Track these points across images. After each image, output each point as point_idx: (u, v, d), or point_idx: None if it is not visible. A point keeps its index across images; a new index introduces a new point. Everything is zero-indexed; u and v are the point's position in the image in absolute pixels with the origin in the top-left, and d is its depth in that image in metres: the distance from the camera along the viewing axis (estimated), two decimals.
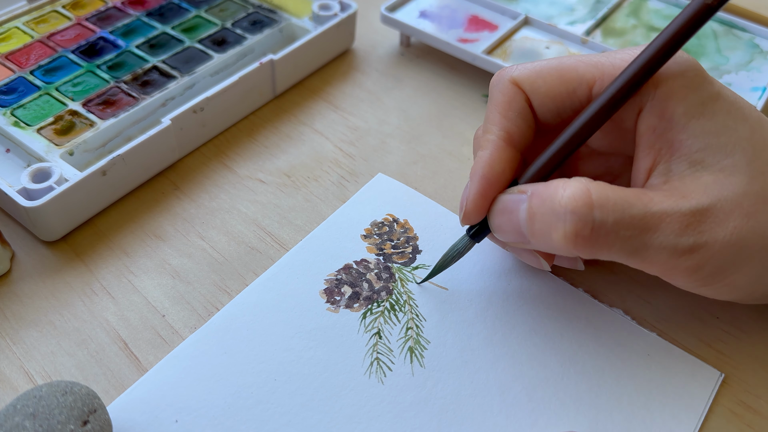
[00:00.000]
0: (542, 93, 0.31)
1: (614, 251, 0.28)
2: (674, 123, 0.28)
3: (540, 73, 0.31)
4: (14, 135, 0.39)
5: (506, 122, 0.31)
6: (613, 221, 0.27)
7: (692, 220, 0.27)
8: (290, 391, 0.30)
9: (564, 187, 0.28)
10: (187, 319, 0.33)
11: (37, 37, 0.46)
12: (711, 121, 0.28)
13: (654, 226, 0.27)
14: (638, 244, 0.27)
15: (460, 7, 0.53)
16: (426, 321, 0.33)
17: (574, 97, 0.31)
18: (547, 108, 0.32)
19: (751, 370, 0.32)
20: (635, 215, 0.27)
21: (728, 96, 0.29)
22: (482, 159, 0.31)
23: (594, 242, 0.27)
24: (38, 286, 0.35)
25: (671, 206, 0.27)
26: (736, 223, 0.27)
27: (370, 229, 0.38)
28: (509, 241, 0.31)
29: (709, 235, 0.27)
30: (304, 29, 0.49)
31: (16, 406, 0.26)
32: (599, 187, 0.27)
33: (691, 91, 0.29)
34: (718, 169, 0.28)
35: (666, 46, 0.28)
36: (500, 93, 0.32)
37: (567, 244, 0.27)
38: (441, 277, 0.35)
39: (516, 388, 0.31)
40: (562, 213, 0.27)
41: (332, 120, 0.46)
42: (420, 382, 0.31)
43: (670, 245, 0.27)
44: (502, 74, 0.32)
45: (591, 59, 0.31)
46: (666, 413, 0.30)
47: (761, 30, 0.51)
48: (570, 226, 0.27)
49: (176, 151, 0.41)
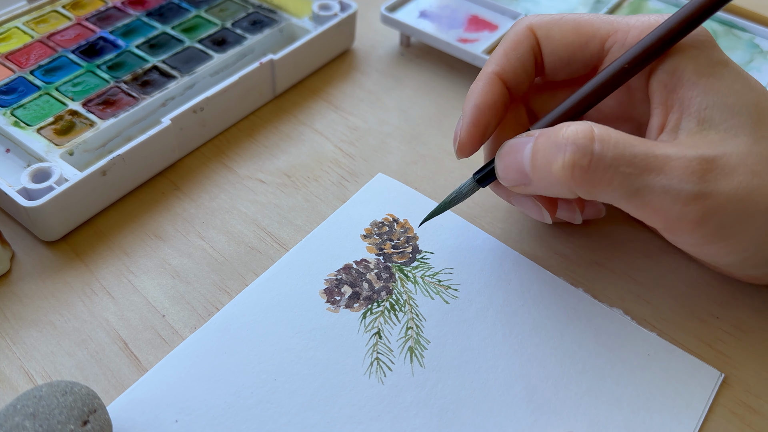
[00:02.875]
0: (556, 40, 0.33)
1: (613, 189, 0.28)
2: (684, 80, 0.29)
3: (558, 21, 0.33)
4: (14, 135, 0.39)
5: (505, 60, 0.33)
6: (612, 155, 0.27)
7: (698, 168, 0.27)
8: (290, 391, 0.30)
9: (569, 124, 0.28)
10: (187, 319, 0.33)
11: (37, 37, 0.46)
12: (720, 81, 0.29)
13: (657, 167, 0.27)
14: (639, 184, 0.27)
15: (460, 7, 0.53)
16: (426, 321, 0.33)
17: (585, 50, 0.32)
18: (558, 56, 0.33)
19: (751, 370, 0.32)
20: (637, 154, 0.27)
21: (735, 66, 0.30)
22: (475, 90, 0.32)
23: (592, 175, 0.27)
24: (38, 286, 0.35)
25: (677, 152, 0.28)
26: (741, 178, 0.28)
27: (370, 229, 0.38)
28: (512, 183, 0.31)
29: (716, 186, 0.27)
30: (304, 29, 0.49)
31: (16, 406, 0.26)
32: (603, 127, 0.28)
33: (702, 52, 0.30)
34: (724, 128, 0.28)
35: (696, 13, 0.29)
36: (513, 34, 0.33)
37: (564, 175, 0.28)
38: (450, 282, 0.35)
39: (516, 388, 0.31)
40: (563, 144, 0.28)
41: (332, 120, 0.46)
42: (420, 382, 0.31)
43: (674, 190, 0.27)
44: (523, 20, 0.34)
45: (608, 17, 0.32)
46: (666, 413, 0.30)
47: (761, 30, 0.51)
48: (569, 155, 0.27)
49: (176, 151, 0.41)
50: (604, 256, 0.37)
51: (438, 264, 0.36)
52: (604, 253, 0.37)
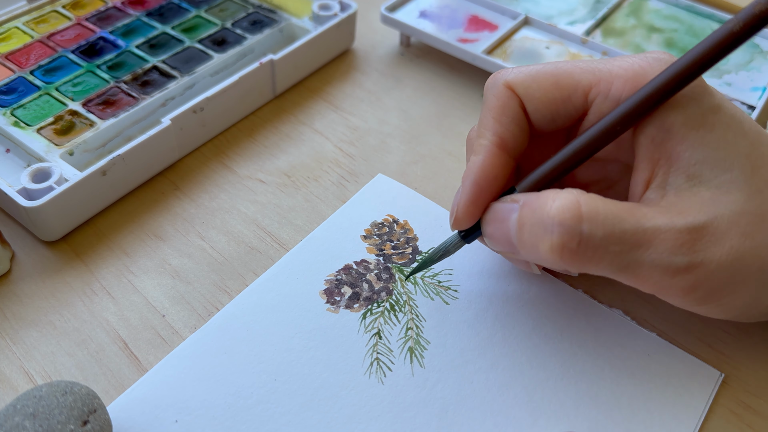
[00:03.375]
0: (537, 98, 0.31)
1: (603, 266, 0.27)
2: (673, 133, 0.28)
3: (535, 77, 0.31)
4: (14, 135, 0.39)
5: (499, 127, 0.31)
6: (602, 235, 0.26)
7: (688, 238, 0.26)
8: (290, 391, 0.30)
9: (554, 198, 0.27)
10: (187, 319, 0.33)
11: (37, 37, 0.46)
12: (710, 134, 0.28)
13: (646, 242, 0.26)
14: (629, 260, 0.27)
15: (460, 7, 0.53)
16: (426, 321, 0.33)
17: (569, 104, 0.30)
18: (541, 114, 0.31)
19: (751, 370, 0.32)
20: (626, 230, 0.26)
21: (728, 109, 0.29)
22: (475, 164, 0.31)
23: (581, 256, 0.26)
24: (38, 286, 0.35)
25: (666, 223, 0.27)
26: (733, 242, 0.27)
27: (370, 230, 0.38)
28: (499, 250, 0.30)
29: (705, 255, 0.26)
30: (304, 29, 0.49)
31: (16, 406, 0.26)
32: (590, 199, 0.27)
33: (692, 101, 0.28)
34: (715, 185, 0.27)
35: (688, 70, 0.27)
36: (494, 97, 0.31)
37: (553, 257, 0.27)
38: (450, 282, 0.35)
39: (516, 388, 0.31)
40: (549, 224, 0.26)
41: (332, 120, 0.46)
42: (420, 382, 0.31)
43: (663, 263, 0.26)
44: (497, 77, 0.32)
45: (587, 65, 0.31)
46: (666, 413, 0.30)
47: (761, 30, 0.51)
48: (557, 238, 0.26)
49: (176, 151, 0.41)
50: None
51: (438, 265, 0.36)
52: None
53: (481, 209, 0.31)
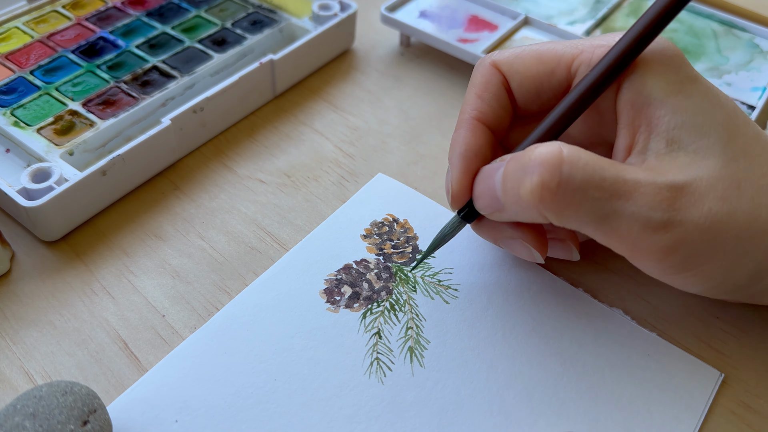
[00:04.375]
0: (521, 73, 0.32)
1: (582, 213, 0.27)
2: (652, 98, 0.29)
3: (519, 55, 0.32)
4: (14, 135, 0.39)
5: (480, 102, 0.32)
6: (581, 178, 0.26)
7: (667, 195, 0.27)
8: (290, 391, 0.30)
9: (537, 146, 0.27)
10: (187, 319, 0.33)
11: (37, 37, 0.46)
12: (688, 100, 0.28)
13: (626, 193, 0.27)
14: (608, 209, 0.27)
15: (460, 7, 0.53)
16: (426, 321, 0.33)
17: (552, 78, 0.32)
18: (526, 89, 0.32)
19: (751, 370, 0.32)
20: (606, 178, 0.27)
21: (705, 82, 0.29)
22: (457, 139, 0.32)
23: (561, 198, 0.27)
24: (38, 286, 0.35)
25: (646, 178, 0.27)
26: (711, 205, 0.27)
27: (370, 229, 0.38)
28: (487, 210, 0.31)
29: (684, 214, 0.27)
30: (304, 29, 0.49)
31: (16, 406, 0.26)
32: (573, 148, 0.27)
33: (670, 69, 0.29)
34: (693, 150, 0.28)
35: (654, 20, 0.29)
36: (479, 74, 0.33)
37: (533, 199, 0.27)
38: (450, 282, 0.35)
39: (516, 388, 0.31)
40: (530, 167, 0.27)
41: (332, 120, 0.46)
42: (420, 382, 0.31)
43: (642, 217, 0.27)
44: (484, 58, 0.33)
45: (570, 42, 0.32)
46: (666, 413, 0.30)
47: (761, 30, 0.51)
48: (536, 177, 0.26)
49: (176, 151, 0.41)
50: (604, 256, 0.37)
51: (438, 264, 0.36)
52: (604, 253, 0.37)
53: (473, 180, 0.31)
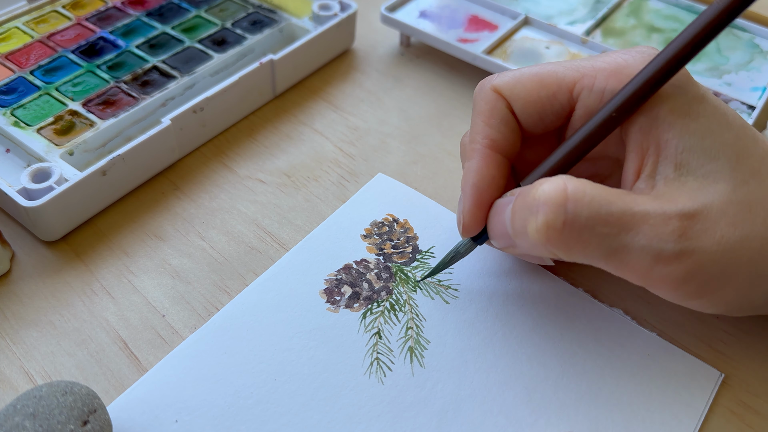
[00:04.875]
0: (522, 98, 0.31)
1: (591, 250, 0.27)
2: (660, 121, 0.28)
3: (519, 79, 0.32)
4: (14, 135, 0.39)
5: (490, 130, 0.31)
6: (587, 215, 0.26)
7: (678, 225, 0.26)
8: (290, 391, 0.30)
9: (542, 183, 0.27)
10: (187, 319, 0.33)
11: (37, 37, 0.46)
12: (696, 122, 0.28)
13: (635, 225, 0.26)
14: (617, 244, 0.26)
15: (460, 7, 0.53)
16: (426, 321, 0.33)
17: (554, 102, 0.31)
18: (528, 114, 0.32)
19: (751, 370, 0.32)
20: (614, 212, 0.26)
21: (712, 100, 0.29)
22: (471, 169, 0.31)
23: (567, 237, 0.26)
24: (38, 286, 0.35)
25: (656, 208, 0.27)
26: (723, 232, 0.26)
27: (370, 229, 0.38)
28: (501, 245, 0.31)
29: (697, 243, 0.26)
30: (304, 29, 0.49)
31: (16, 406, 0.26)
32: (578, 182, 0.27)
33: (677, 90, 0.28)
34: (702, 174, 0.27)
35: (676, 57, 0.28)
36: (482, 101, 0.32)
37: (539, 237, 0.27)
38: (450, 282, 0.35)
39: (516, 388, 0.31)
40: (535, 206, 0.27)
41: (332, 120, 0.46)
42: (420, 382, 0.31)
43: (653, 249, 0.26)
44: (484, 83, 0.32)
45: (571, 63, 0.31)
46: (666, 413, 0.30)
47: (761, 30, 0.51)
48: (541, 217, 0.26)
49: (176, 151, 0.41)
50: None
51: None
52: None
53: (486, 212, 0.31)
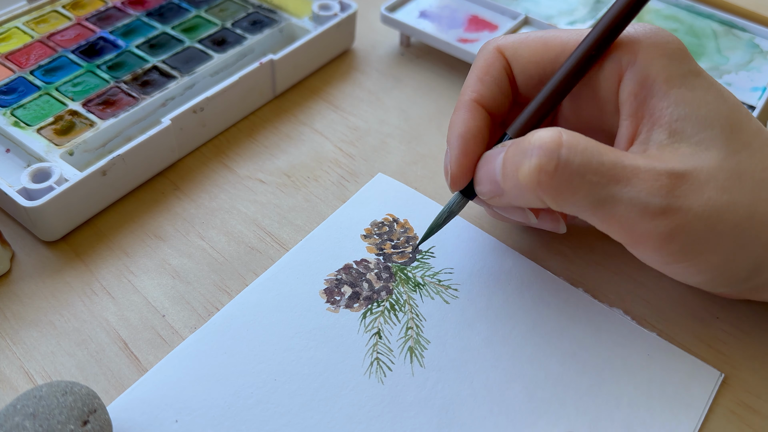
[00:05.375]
0: (525, 58, 0.32)
1: (579, 197, 0.27)
2: (655, 90, 0.29)
3: (524, 41, 0.32)
4: (14, 135, 0.39)
5: (480, 85, 0.32)
6: (579, 162, 0.27)
7: (667, 182, 0.27)
8: (290, 391, 0.30)
9: (538, 131, 0.28)
10: (187, 319, 0.33)
11: (37, 37, 0.46)
12: (691, 92, 0.29)
13: (625, 178, 0.27)
14: (606, 194, 0.27)
15: (460, 7, 0.53)
16: (426, 321, 0.33)
17: (556, 65, 0.32)
18: (528, 75, 0.32)
19: (751, 370, 0.32)
20: (605, 162, 0.27)
21: (708, 77, 0.30)
22: (457, 120, 0.32)
23: (558, 182, 0.27)
24: (38, 286, 0.35)
25: (646, 164, 0.27)
26: (711, 194, 0.27)
27: (370, 229, 0.38)
28: (487, 195, 0.31)
29: (683, 201, 0.27)
30: (304, 29, 0.49)
31: (16, 406, 0.26)
32: (573, 134, 0.27)
33: (673, 62, 0.29)
34: (695, 141, 0.28)
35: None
36: (482, 58, 0.33)
37: (530, 181, 0.27)
38: (450, 282, 0.35)
39: (516, 388, 0.31)
40: (529, 150, 0.27)
41: (332, 120, 0.46)
42: (420, 382, 0.31)
43: (641, 202, 0.27)
44: (489, 42, 0.33)
45: (576, 30, 0.32)
46: (666, 413, 0.30)
47: (761, 30, 0.51)
48: (535, 160, 0.27)
49: (176, 151, 0.41)
50: (604, 256, 0.37)
51: (438, 264, 0.36)
52: (604, 253, 0.37)
53: (473, 162, 0.32)
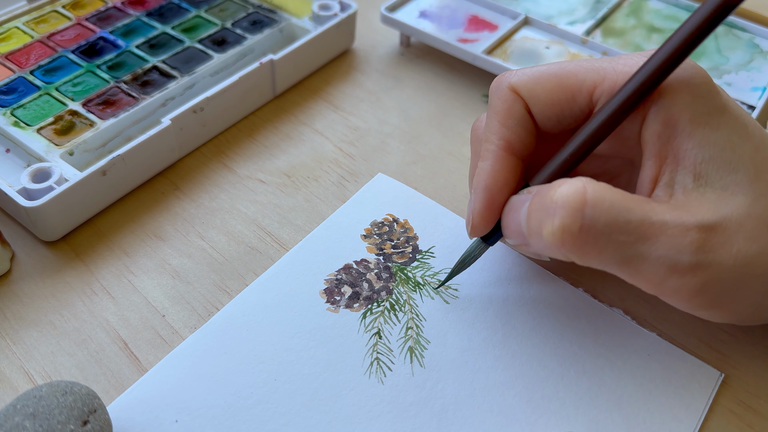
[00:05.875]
0: (542, 100, 0.31)
1: (606, 256, 0.26)
2: (679, 131, 0.28)
3: (539, 79, 0.31)
4: (14, 135, 0.39)
5: (505, 131, 0.31)
6: (605, 222, 0.26)
7: (697, 237, 0.26)
8: (290, 391, 0.30)
9: (561, 184, 0.27)
10: (187, 319, 0.33)
11: (37, 37, 0.46)
12: (716, 133, 0.27)
13: (653, 235, 0.26)
14: (633, 252, 0.26)
15: (460, 7, 0.53)
16: (426, 321, 0.33)
17: (573, 104, 0.30)
18: (546, 115, 0.31)
19: (751, 370, 0.32)
20: (632, 220, 0.26)
21: (734, 110, 0.28)
22: (484, 170, 0.31)
23: (583, 242, 0.26)
24: (38, 286, 0.35)
25: (674, 219, 0.26)
26: (740, 245, 0.26)
27: (370, 229, 0.38)
28: (514, 242, 0.30)
29: (714, 256, 0.26)
30: (304, 29, 0.49)
31: (16, 406, 0.26)
32: (598, 186, 0.26)
33: (698, 99, 0.28)
34: (720, 186, 0.27)
35: (681, 47, 0.27)
36: (499, 100, 0.31)
37: (554, 241, 0.26)
38: (450, 281, 0.35)
39: (516, 388, 0.31)
40: (552, 208, 0.26)
41: (332, 120, 0.46)
42: (420, 382, 0.31)
43: (669, 260, 0.26)
44: (501, 80, 0.32)
45: (592, 64, 0.30)
46: (666, 413, 0.30)
47: (761, 30, 0.51)
48: (558, 221, 0.26)
49: (176, 151, 0.41)
50: None
51: (438, 264, 0.36)
52: None
53: (496, 214, 0.31)
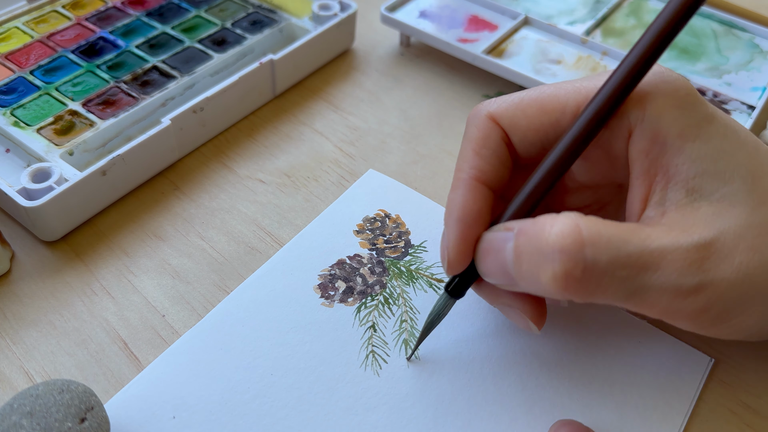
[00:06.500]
0: (523, 127, 0.29)
1: (610, 294, 0.25)
2: (668, 146, 0.26)
3: (519, 106, 0.30)
4: (14, 135, 0.39)
5: (479, 160, 0.29)
6: (607, 260, 0.24)
7: (696, 257, 0.25)
8: (287, 386, 0.30)
9: (552, 223, 0.25)
10: (187, 319, 0.34)
11: (37, 37, 0.47)
12: (707, 145, 0.26)
13: (653, 264, 0.25)
14: (636, 285, 0.25)
15: (460, 7, 0.53)
16: (420, 314, 0.34)
17: (558, 128, 0.29)
18: (530, 141, 0.30)
19: (751, 370, 0.32)
20: (632, 253, 0.24)
21: (722, 118, 0.27)
22: (455, 201, 0.29)
23: (587, 285, 0.24)
24: (38, 286, 0.35)
25: (671, 242, 0.25)
26: (741, 258, 0.25)
27: (363, 225, 0.38)
28: (497, 283, 0.28)
29: (715, 273, 0.25)
30: (304, 29, 0.49)
31: (13, 405, 0.26)
32: (590, 222, 0.25)
33: (685, 112, 0.27)
34: (716, 198, 0.26)
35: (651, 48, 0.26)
36: (476, 128, 0.30)
37: (557, 287, 0.25)
38: (442, 275, 0.35)
39: (510, 378, 0.31)
40: (550, 252, 0.24)
41: (332, 120, 0.46)
42: (415, 374, 0.31)
43: (672, 285, 0.25)
44: (479, 108, 0.30)
45: (573, 85, 0.29)
46: (658, 398, 0.31)
47: (761, 30, 0.51)
48: (559, 266, 0.24)
49: (176, 151, 0.41)
50: None
51: (430, 258, 0.36)
52: None
53: (472, 246, 0.29)
